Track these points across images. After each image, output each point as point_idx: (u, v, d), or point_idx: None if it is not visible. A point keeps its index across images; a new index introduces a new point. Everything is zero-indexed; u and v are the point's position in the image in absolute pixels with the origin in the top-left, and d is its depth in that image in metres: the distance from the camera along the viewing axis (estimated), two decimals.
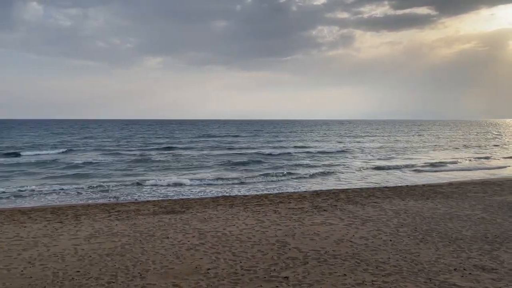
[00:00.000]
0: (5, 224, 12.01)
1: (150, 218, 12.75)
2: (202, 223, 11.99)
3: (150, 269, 8.12)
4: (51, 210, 14.28)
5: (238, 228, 11.36)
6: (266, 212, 13.53)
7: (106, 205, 15.34)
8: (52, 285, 7.30)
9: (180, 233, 10.81)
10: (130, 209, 14.24)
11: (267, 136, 70.77)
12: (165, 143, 50.47)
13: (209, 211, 13.76)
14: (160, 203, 15.40)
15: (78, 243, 9.99)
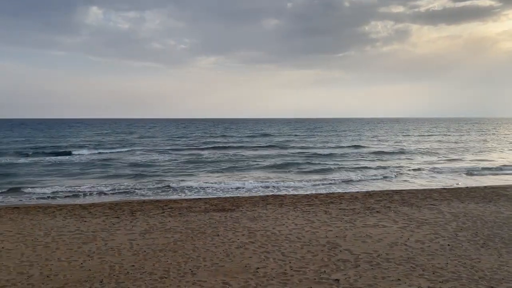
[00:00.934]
0: (67, 218, 12.73)
1: (201, 215, 12.99)
2: (251, 221, 12.04)
3: (201, 266, 8.26)
4: (109, 205, 14.96)
5: (288, 227, 11.29)
6: (316, 212, 13.34)
7: (159, 201, 15.83)
8: (109, 278, 7.62)
9: (230, 231, 10.92)
10: (183, 206, 14.59)
11: (319, 135, 69.81)
12: (218, 143, 51.20)
13: (259, 209, 13.79)
14: (211, 201, 15.66)
15: (133, 238, 10.38)
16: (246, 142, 53.08)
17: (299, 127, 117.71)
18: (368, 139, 58.55)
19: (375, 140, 57.16)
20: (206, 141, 53.31)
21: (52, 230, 11.14)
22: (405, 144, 49.64)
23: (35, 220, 12.44)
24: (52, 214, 13.27)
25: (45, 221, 12.31)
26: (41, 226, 11.66)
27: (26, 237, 10.50)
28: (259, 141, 54.68)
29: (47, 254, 9.08)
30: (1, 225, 11.81)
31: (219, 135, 69.64)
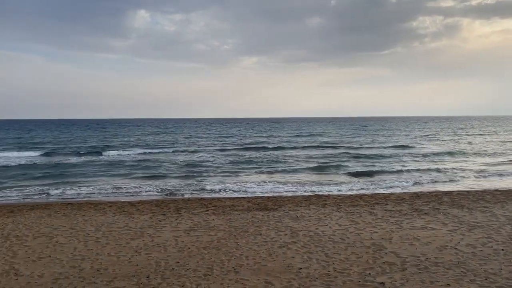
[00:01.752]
0: (117, 214, 13.24)
1: (244, 214, 13.08)
2: (294, 221, 11.98)
3: (244, 264, 8.31)
4: (155, 203, 15.41)
5: (331, 228, 11.12)
6: (361, 213, 13.06)
7: (204, 199, 16.10)
8: (155, 273, 7.84)
9: (272, 231, 10.92)
10: (226, 204, 14.76)
11: (366, 135, 68.19)
12: (262, 142, 51.19)
13: (301, 209, 13.70)
14: (254, 200, 15.73)
15: (178, 235, 10.62)
16: (291, 141, 52.73)
17: (344, 126, 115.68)
18: (417, 139, 56.40)
19: (425, 139, 54.92)
20: (251, 141, 53.25)
21: (102, 226, 11.62)
22: (457, 143, 47.51)
23: (87, 216, 13.03)
24: (103, 211, 13.85)
25: (96, 217, 12.87)
26: (92, 221, 12.20)
27: (79, 232, 11.02)
28: (305, 141, 53.94)
29: (97, 249, 9.48)
30: (55, 220, 12.47)
31: (264, 135, 69.68)
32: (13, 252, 9.27)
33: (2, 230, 11.28)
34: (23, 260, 8.68)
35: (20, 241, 10.19)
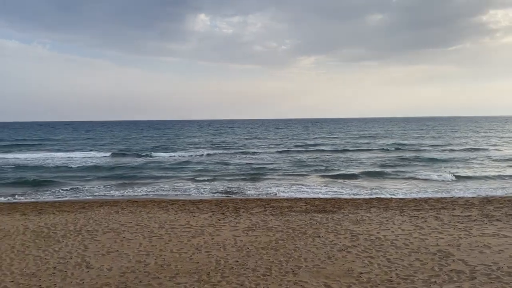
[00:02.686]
0: (178, 212, 13.70)
1: (302, 215, 12.99)
2: (354, 224, 11.70)
3: (302, 266, 8.25)
4: (215, 202, 15.76)
5: (394, 233, 10.73)
6: (426, 218, 12.48)
7: (262, 200, 16.21)
8: (215, 271, 8.01)
9: (331, 233, 10.74)
10: (284, 205, 14.75)
11: (429, 136, 64.98)
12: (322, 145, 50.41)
13: (362, 212, 13.35)
14: (312, 202, 15.57)
15: (237, 234, 10.77)
16: (351, 143, 51.37)
17: (407, 126, 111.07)
18: (495, 140, 52.29)
19: (506, 141, 50.61)
20: (311, 143, 52.33)
21: (165, 223, 12.08)
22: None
23: (151, 213, 13.61)
24: (166, 208, 14.39)
25: (160, 214, 13.40)
26: (156, 219, 12.72)
27: (144, 228, 11.54)
28: (366, 142, 52.25)
29: (161, 245, 9.87)
30: (123, 216, 13.14)
31: (324, 136, 68.72)
32: (85, 246, 9.90)
33: (74, 224, 12.09)
34: (93, 254, 9.24)
35: (91, 235, 10.85)
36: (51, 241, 10.33)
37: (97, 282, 7.52)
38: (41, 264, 8.57)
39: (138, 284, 7.43)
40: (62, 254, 9.24)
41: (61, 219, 12.79)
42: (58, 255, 9.16)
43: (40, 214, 13.72)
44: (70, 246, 9.82)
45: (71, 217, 13.15)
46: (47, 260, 8.79)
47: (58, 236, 10.81)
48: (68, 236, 10.80)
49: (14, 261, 8.76)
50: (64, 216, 13.26)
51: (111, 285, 7.37)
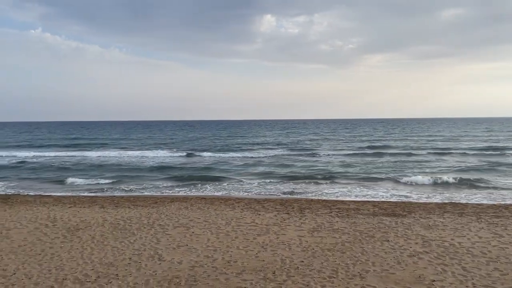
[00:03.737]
0: (244, 210, 13.94)
1: (370, 218, 12.63)
2: (426, 230, 11.15)
3: (370, 270, 8.03)
4: (280, 201, 15.82)
5: (470, 240, 10.07)
6: (507, 225, 11.57)
7: (327, 201, 16.00)
8: (281, 270, 8.05)
9: (401, 238, 10.33)
10: (350, 207, 14.43)
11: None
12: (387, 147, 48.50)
13: (434, 217, 12.68)
14: (380, 204, 15.07)
15: (302, 234, 10.73)
16: (423, 145, 48.73)
17: (483, 126, 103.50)
18: None
19: None
20: (379, 145, 50.09)
21: (232, 221, 12.35)
22: None
23: (218, 210, 13.99)
24: (232, 206, 14.71)
25: (226, 211, 13.73)
26: (223, 216, 13.05)
27: (211, 225, 11.89)
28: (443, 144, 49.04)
29: (228, 242, 10.11)
30: (192, 212, 13.64)
31: (392, 137, 66.14)
32: (157, 239, 10.41)
33: (148, 218, 12.75)
34: (165, 247, 9.69)
35: (162, 229, 11.39)
36: (127, 233, 11.00)
37: (168, 274, 7.88)
38: (118, 254, 9.15)
39: (206, 278, 7.67)
40: (137, 246, 9.79)
41: (135, 213, 13.56)
42: (133, 246, 9.73)
43: (116, 207, 14.66)
44: (144, 239, 10.38)
45: (144, 211, 13.89)
46: (123, 251, 9.37)
47: (133, 229, 11.47)
48: (142, 229, 11.42)
49: (94, 251, 9.44)
50: (138, 210, 14.04)
51: (181, 278, 7.69)
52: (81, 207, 14.67)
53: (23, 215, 13.30)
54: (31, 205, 15.19)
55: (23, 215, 13.21)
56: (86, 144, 55.76)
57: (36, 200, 16.34)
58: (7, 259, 8.84)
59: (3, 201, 16.06)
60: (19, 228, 11.50)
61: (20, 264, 8.51)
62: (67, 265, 8.42)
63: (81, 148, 48.99)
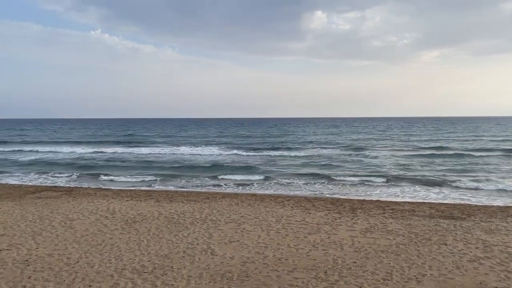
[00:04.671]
0: (294, 208, 13.90)
1: (426, 220, 12.15)
2: (487, 234, 10.56)
3: (427, 274, 7.73)
4: (330, 200, 15.61)
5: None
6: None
7: (380, 201, 15.57)
8: (333, 270, 7.95)
9: (460, 242, 9.86)
10: (405, 208, 13.97)
11: None
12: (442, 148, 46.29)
13: (497, 221, 11.98)
14: (437, 206, 14.46)
15: (354, 235, 10.53)
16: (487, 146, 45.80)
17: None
18: None
19: None
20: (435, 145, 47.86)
21: (282, 218, 12.36)
22: None
23: (268, 207, 14.05)
24: (282, 204, 14.71)
25: (276, 209, 13.75)
26: (273, 213, 13.09)
27: (262, 221, 11.96)
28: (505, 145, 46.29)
29: (278, 239, 10.13)
30: (242, 209, 13.80)
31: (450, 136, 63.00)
32: (209, 233, 10.63)
33: (200, 213, 13.06)
34: (217, 242, 9.88)
35: (214, 224, 11.62)
36: (181, 227, 11.33)
37: (220, 269, 8.03)
38: (173, 247, 9.45)
39: (258, 274, 7.74)
40: (190, 239, 10.06)
41: (188, 208, 13.93)
42: (186, 240, 10.01)
43: (171, 202, 15.13)
44: (197, 233, 10.65)
45: (197, 206, 14.24)
46: (178, 244, 9.66)
47: (187, 223, 11.80)
48: (195, 223, 11.72)
49: (150, 243, 9.80)
50: (191, 205, 14.41)
51: (233, 273, 7.80)
52: (138, 201, 15.30)
53: (85, 206, 14.09)
54: (92, 197, 16.04)
55: (85, 207, 13.99)
56: (139, 141, 57.99)
57: (96, 193, 17.24)
58: (71, 248, 9.40)
59: (66, 193, 17.10)
60: (82, 219, 12.19)
61: (83, 253, 9.02)
62: (125, 256, 8.82)
63: (134, 145, 50.95)
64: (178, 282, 7.38)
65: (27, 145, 48.28)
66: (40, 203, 14.79)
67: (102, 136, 68.47)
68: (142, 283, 7.32)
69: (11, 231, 10.80)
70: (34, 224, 11.55)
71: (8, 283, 7.29)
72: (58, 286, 7.19)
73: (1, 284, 7.26)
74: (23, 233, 10.65)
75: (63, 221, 11.97)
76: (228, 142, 53.72)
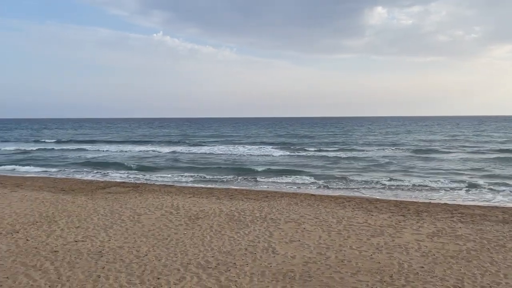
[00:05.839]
0: (355, 210, 13.61)
1: (499, 226, 11.40)
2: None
3: (501, 283, 7.27)
4: (394, 202, 15.11)
5: None
6: None
7: (447, 205, 14.82)
8: (398, 274, 7.69)
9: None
10: (475, 213, 13.19)
11: None
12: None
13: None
14: (511, 211, 13.51)
15: (420, 239, 10.11)
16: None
17: None
18: None
19: None
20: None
21: (343, 219, 12.15)
22: None
23: (328, 208, 13.87)
24: (342, 205, 14.47)
25: (337, 210, 13.55)
26: (333, 214, 12.91)
27: (322, 222, 11.84)
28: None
29: (340, 240, 9.97)
30: (302, 209, 13.74)
31: None
32: (270, 232, 10.70)
33: (260, 212, 13.18)
34: (278, 241, 9.92)
35: (274, 223, 11.68)
36: (241, 225, 11.50)
37: (282, 268, 8.06)
38: (235, 244, 9.62)
39: (321, 275, 7.67)
40: (251, 237, 10.19)
41: (248, 206, 14.12)
42: (248, 238, 10.15)
43: (231, 199, 15.42)
44: (257, 231, 10.76)
45: (256, 204, 14.38)
46: (239, 242, 9.82)
47: (247, 221, 11.96)
48: (255, 221, 11.85)
49: (213, 239, 10.06)
50: (250, 203, 14.59)
51: (295, 273, 7.80)
52: (200, 198, 15.75)
53: (151, 202, 14.74)
54: (157, 193, 16.75)
55: (151, 203, 14.64)
56: (197, 140, 59.64)
57: (161, 189, 17.97)
58: (139, 241, 9.88)
59: (134, 189, 17.99)
60: (148, 214, 12.77)
61: (151, 246, 9.45)
62: (190, 251, 9.11)
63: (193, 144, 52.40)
64: (241, 278, 7.51)
65: (109, 144, 51.59)
66: (110, 198, 15.70)
67: (161, 136, 70.95)
68: (207, 278, 7.53)
69: (85, 224, 11.56)
70: (105, 218, 12.28)
71: (84, 272, 7.81)
72: (129, 277, 7.59)
73: (78, 273, 7.79)
74: (96, 226, 11.36)
75: (132, 215, 12.61)
76: (286, 142, 53.52)
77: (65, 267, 8.07)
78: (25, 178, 22.55)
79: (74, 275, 7.68)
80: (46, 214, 12.73)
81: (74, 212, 13.10)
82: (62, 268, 8.04)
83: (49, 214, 12.72)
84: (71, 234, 10.46)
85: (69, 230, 10.85)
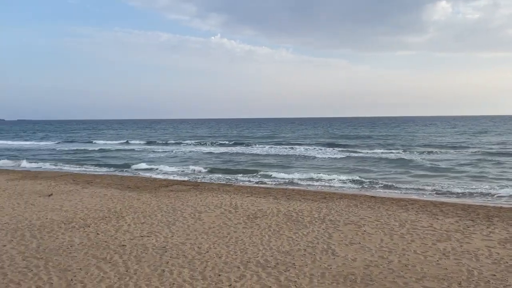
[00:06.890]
0: (419, 213, 13.05)
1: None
2: None
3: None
4: (461, 206, 14.31)
5: None
6: None
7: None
8: (468, 282, 7.28)
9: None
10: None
11: None
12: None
13: None
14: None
15: (491, 245, 9.50)
16: None
17: None
18: None
19: None
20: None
21: (406, 223, 11.70)
22: None
23: (390, 210, 13.43)
24: (405, 207, 13.93)
25: (399, 213, 13.07)
26: (395, 217, 12.47)
27: (384, 225, 11.48)
28: None
29: (403, 244, 9.62)
30: (362, 211, 13.41)
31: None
32: (329, 234, 10.55)
33: (318, 213, 13.04)
34: (337, 242, 9.76)
35: (333, 225, 11.50)
36: (300, 225, 11.45)
37: (343, 270, 7.92)
38: (293, 244, 9.60)
39: (383, 279, 7.44)
40: (310, 238, 10.11)
41: (306, 206, 14.02)
42: (306, 238, 10.08)
43: (288, 200, 15.40)
44: (316, 232, 10.66)
45: (314, 205, 14.25)
46: (298, 242, 9.79)
47: (305, 221, 11.88)
48: (313, 222, 11.74)
49: (271, 239, 10.10)
50: (308, 204, 14.49)
51: (357, 276, 7.63)
52: (257, 197, 15.89)
53: (210, 201, 15.10)
54: (216, 192, 17.13)
55: (210, 201, 15.00)
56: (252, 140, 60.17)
57: (219, 188, 18.36)
58: (200, 238, 10.16)
59: (194, 188, 18.53)
60: (208, 212, 13.09)
61: (211, 243, 9.68)
62: (249, 249, 9.22)
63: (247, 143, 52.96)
64: (301, 279, 7.48)
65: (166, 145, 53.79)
66: (172, 195, 16.29)
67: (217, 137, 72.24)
68: (266, 277, 7.58)
69: (150, 220, 12.08)
70: (168, 215, 12.76)
71: (149, 266, 8.17)
72: (192, 272, 7.83)
73: (144, 266, 8.16)
74: (160, 222, 11.84)
75: (193, 213, 13.00)
76: (344, 144, 52.42)
77: (132, 261, 8.49)
78: (95, 175, 24.04)
79: (140, 268, 8.06)
80: (114, 210, 13.48)
81: (140, 208, 13.75)
82: (129, 261, 8.47)
83: (117, 210, 13.46)
84: (137, 230, 10.99)
85: (135, 226, 11.41)
